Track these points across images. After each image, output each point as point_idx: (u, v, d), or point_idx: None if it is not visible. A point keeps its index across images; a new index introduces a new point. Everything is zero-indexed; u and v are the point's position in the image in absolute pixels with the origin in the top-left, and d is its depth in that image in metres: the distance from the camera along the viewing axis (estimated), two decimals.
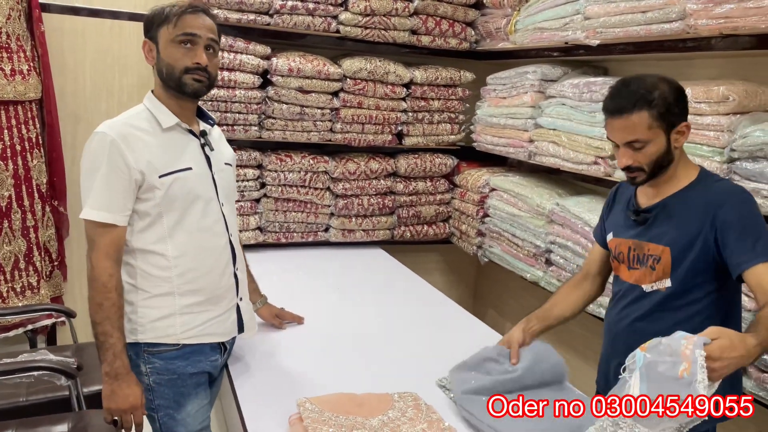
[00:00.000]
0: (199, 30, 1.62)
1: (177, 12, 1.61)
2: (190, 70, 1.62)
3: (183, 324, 1.64)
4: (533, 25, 2.84)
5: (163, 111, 1.66)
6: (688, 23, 2.03)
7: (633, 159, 1.53)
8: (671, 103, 1.50)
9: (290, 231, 3.22)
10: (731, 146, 1.86)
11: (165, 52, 1.62)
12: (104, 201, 1.55)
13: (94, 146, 1.57)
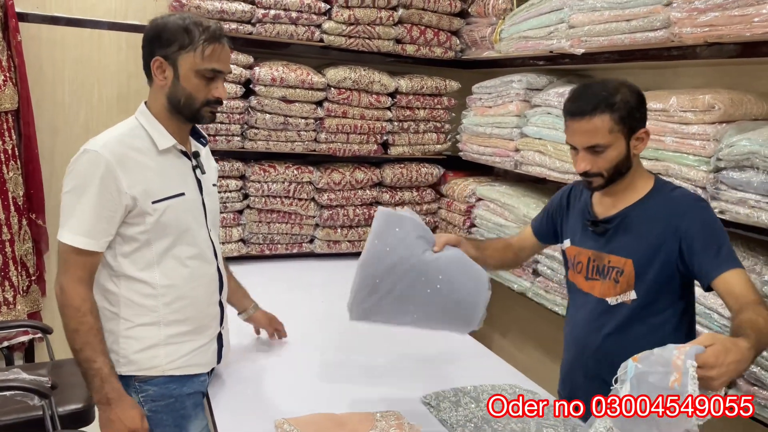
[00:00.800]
0: (225, 66, 1.56)
1: (205, 39, 1.50)
2: (210, 103, 1.56)
3: (167, 355, 1.57)
4: (518, 33, 2.82)
5: (160, 131, 1.56)
6: (672, 32, 2.01)
7: (592, 164, 1.50)
8: (633, 107, 1.49)
9: (274, 242, 3.17)
10: (717, 155, 1.84)
11: (186, 80, 1.52)
12: (87, 226, 1.45)
13: (84, 166, 1.46)
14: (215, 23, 1.56)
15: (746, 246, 1.92)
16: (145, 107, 1.59)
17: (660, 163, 2.05)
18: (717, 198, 1.86)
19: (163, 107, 1.56)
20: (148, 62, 1.54)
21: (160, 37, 1.51)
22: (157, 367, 1.57)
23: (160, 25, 1.53)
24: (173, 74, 1.52)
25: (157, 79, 1.54)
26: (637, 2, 2.14)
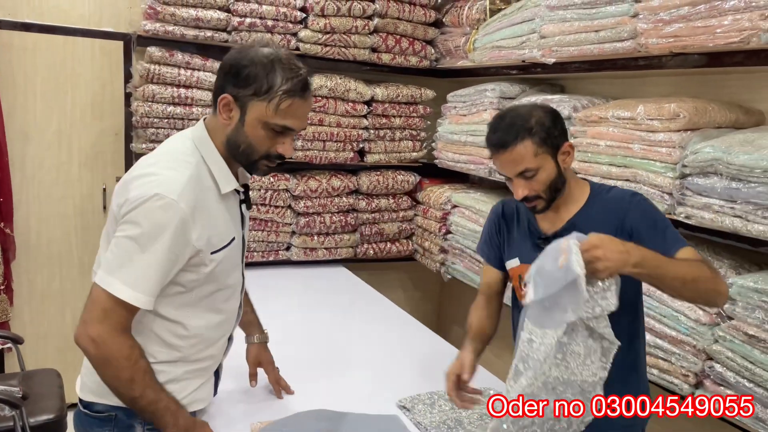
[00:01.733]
0: (299, 124, 1.37)
1: (285, 90, 1.31)
2: (271, 158, 1.38)
3: (178, 391, 1.43)
4: (491, 43, 2.87)
5: (225, 174, 1.39)
6: (639, 42, 2.07)
7: (529, 188, 1.52)
8: (549, 126, 1.51)
9: (250, 250, 3.16)
10: (683, 162, 1.89)
11: (251, 129, 1.33)
12: (146, 284, 1.28)
13: (158, 215, 1.26)
14: (306, 71, 1.36)
15: (711, 250, 1.97)
16: (207, 135, 1.39)
17: (628, 170, 2.10)
18: (683, 203, 1.91)
19: (223, 145, 1.39)
20: (216, 92, 1.37)
21: (238, 73, 1.32)
22: None
23: (244, 60, 1.33)
24: (239, 117, 1.34)
25: (220, 117, 1.35)
26: (605, 13, 2.20)
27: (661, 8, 1.98)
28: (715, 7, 1.80)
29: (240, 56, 1.34)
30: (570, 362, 1.29)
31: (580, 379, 1.31)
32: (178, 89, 2.87)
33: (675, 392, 1.92)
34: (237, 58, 1.34)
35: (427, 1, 3.28)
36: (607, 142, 2.18)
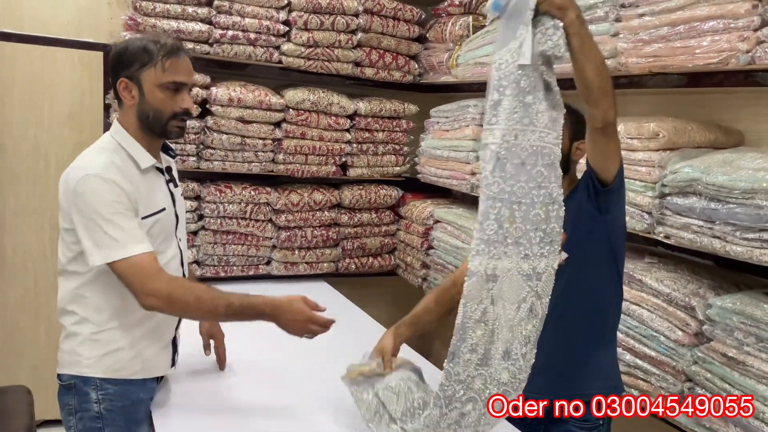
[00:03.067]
0: (187, 78, 1.61)
1: (163, 54, 1.56)
2: (177, 116, 1.61)
3: (130, 359, 1.62)
4: (474, 59, 2.87)
5: (140, 150, 1.62)
6: (619, 61, 2.07)
7: None
8: (582, 122, 1.66)
9: (229, 264, 3.12)
10: (662, 182, 1.89)
11: (151, 96, 1.58)
12: (135, 234, 1.52)
13: (99, 186, 1.50)
14: (173, 39, 1.63)
15: (690, 270, 1.97)
16: (120, 127, 1.63)
17: None
18: (662, 223, 1.91)
19: (135, 126, 1.61)
20: (114, 86, 1.61)
21: (122, 59, 1.58)
22: (121, 370, 1.61)
23: (121, 47, 1.60)
24: (138, 92, 1.58)
25: (125, 99, 1.60)
26: None
27: (641, 28, 1.99)
28: (693, 27, 1.81)
29: (117, 48, 1.61)
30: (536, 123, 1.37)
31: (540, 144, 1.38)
32: None
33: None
34: (116, 51, 1.61)
35: (411, 17, 3.28)
36: None
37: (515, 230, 1.39)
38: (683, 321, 1.84)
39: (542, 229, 1.40)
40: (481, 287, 1.39)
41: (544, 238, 1.41)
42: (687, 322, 1.83)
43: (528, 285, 1.40)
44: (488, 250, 1.38)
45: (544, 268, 1.42)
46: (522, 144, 1.37)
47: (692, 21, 1.81)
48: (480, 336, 1.41)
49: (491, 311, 1.40)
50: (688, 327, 1.83)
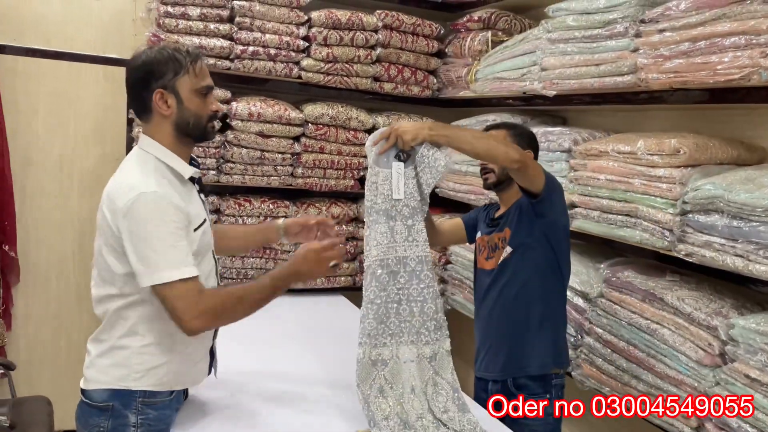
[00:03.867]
0: (211, 80, 1.64)
1: (191, 60, 1.57)
2: (212, 118, 1.64)
3: (177, 372, 1.61)
4: (493, 74, 2.87)
5: (179, 162, 1.60)
6: (639, 77, 2.06)
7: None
8: (526, 135, 2.11)
9: (248, 277, 3.14)
10: (683, 199, 1.87)
11: (189, 102, 1.57)
12: (182, 257, 1.49)
13: (150, 207, 1.46)
14: (185, 46, 1.63)
15: (713, 289, 1.94)
16: (152, 140, 1.59)
17: (629, 205, 2.07)
18: (684, 241, 1.88)
19: (170, 136, 1.59)
20: (144, 99, 1.57)
21: (153, 70, 1.55)
22: (168, 383, 1.60)
23: (149, 60, 1.56)
24: (176, 101, 1.57)
25: (161, 110, 1.56)
26: (605, 47, 2.20)
27: (662, 44, 1.97)
28: (715, 43, 1.79)
29: (143, 61, 1.56)
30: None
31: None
32: None
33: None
34: (143, 64, 1.56)
35: (430, 32, 3.30)
36: (607, 176, 2.16)
37: (416, 323, 1.79)
38: (705, 341, 1.81)
39: (435, 319, 1.81)
40: (369, 370, 1.74)
41: (438, 326, 1.82)
42: (709, 342, 1.79)
43: (431, 365, 1.79)
44: (370, 342, 1.75)
45: (438, 349, 1.82)
46: (410, 256, 1.78)
47: (713, 37, 1.79)
48: (387, 409, 1.72)
49: (387, 389, 1.74)
50: (710, 347, 1.79)
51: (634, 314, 2.05)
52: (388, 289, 1.77)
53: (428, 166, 1.81)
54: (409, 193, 1.79)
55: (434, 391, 1.77)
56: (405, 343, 1.78)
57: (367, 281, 1.77)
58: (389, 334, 1.77)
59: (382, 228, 1.77)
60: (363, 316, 1.77)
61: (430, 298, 1.79)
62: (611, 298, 2.16)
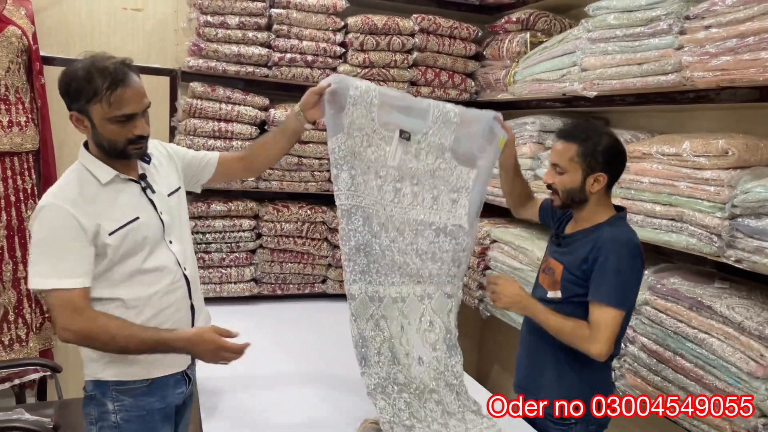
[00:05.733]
0: (135, 107, 1.57)
1: (107, 86, 1.51)
2: (132, 141, 1.60)
3: (143, 361, 1.65)
4: (531, 76, 2.82)
5: (99, 166, 1.62)
6: (684, 75, 1.98)
7: (552, 179, 1.86)
8: (600, 152, 1.78)
9: (286, 282, 3.16)
10: (732, 202, 1.78)
11: (103, 128, 1.56)
12: (68, 268, 1.53)
13: (46, 216, 1.53)
14: (115, 64, 1.55)
15: (765, 296, 1.84)
16: (85, 150, 1.65)
17: (673, 209, 1.99)
18: (733, 246, 1.79)
19: (94, 148, 1.63)
20: (69, 111, 1.60)
21: (69, 91, 1.55)
22: (139, 372, 1.66)
23: (67, 77, 1.55)
24: (90, 124, 1.57)
25: (78, 129, 1.60)
26: (648, 46, 2.12)
27: (708, 40, 1.89)
28: (764, 39, 1.71)
29: (64, 77, 1.55)
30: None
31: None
32: (218, 123, 2.92)
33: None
34: (63, 80, 1.55)
35: (467, 35, 3.26)
36: (651, 179, 2.08)
37: (413, 267, 1.92)
38: (757, 351, 1.71)
39: (439, 263, 1.99)
40: (367, 306, 1.80)
41: (442, 272, 1.99)
42: (761, 353, 1.70)
43: (428, 304, 1.94)
44: (364, 278, 1.80)
45: (437, 291, 1.98)
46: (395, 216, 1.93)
47: (762, 32, 1.71)
48: (380, 342, 1.79)
49: (384, 324, 1.81)
50: (762, 358, 1.70)
51: (681, 323, 1.97)
52: (379, 236, 1.85)
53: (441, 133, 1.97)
54: (401, 160, 1.92)
55: (428, 329, 1.91)
56: (396, 284, 1.88)
57: (346, 225, 1.81)
58: (384, 274, 1.85)
59: (367, 180, 1.86)
60: (352, 255, 1.79)
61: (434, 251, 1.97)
62: (657, 306, 2.08)
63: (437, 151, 1.97)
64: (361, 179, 1.85)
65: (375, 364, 1.77)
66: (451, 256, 2.00)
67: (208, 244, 2.97)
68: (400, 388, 1.80)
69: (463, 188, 2.01)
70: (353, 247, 1.79)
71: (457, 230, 1.99)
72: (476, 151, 2.02)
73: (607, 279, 1.74)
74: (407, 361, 1.85)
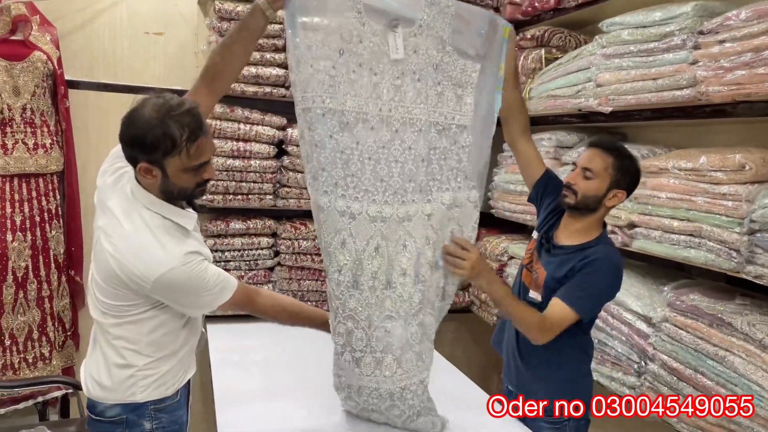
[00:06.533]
0: (209, 154, 1.56)
1: (187, 139, 1.47)
2: (200, 185, 1.60)
3: (177, 373, 1.71)
4: (547, 92, 2.82)
5: (179, 214, 1.60)
6: (699, 90, 1.97)
7: (577, 181, 1.89)
8: (629, 172, 1.88)
9: (304, 300, 3.17)
10: (751, 217, 1.76)
11: (176, 178, 1.53)
12: (223, 276, 1.64)
13: (182, 274, 1.54)
14: (192, 116, 1.49)
15: None
16: (153, 198, 1.57)
17: (691, 224, 1.97)
18: (752, 262, 1.77)
19: (160, 195, 1.58)
20: (129, 159, 1.54)
21: (142, 144, 1.47)
22: (173, 386, 1.69)
23: (140, 130, 1.46)
24: (161, 173, 1.52)
25: (145, 179, 1.54)
26: (662, 61, 2.11)
27: (722, 55, 1.88)
28: None
29: (136, 129, 1.47)
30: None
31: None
32: (237, 143, 2.96)
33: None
34: (135, 133, 1.47)
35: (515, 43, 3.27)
36: (668, 194, 2.07)
37: (394, 183, 1.72)
38: None
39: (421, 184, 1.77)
40: (336, 220, 1.67)
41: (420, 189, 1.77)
42: None
43: (403, 226, 1.73)
44: (336, 191, 1.67)
45: (416, 212, 1.75)
46: (395, 116, 1.73)
47: None
48: (345, 262, 1.68)
49: (350, 242, 1.68)
50: None
51: (701, 340, 1.94)
52: (364, 142, 1.68)
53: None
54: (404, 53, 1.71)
55: (400, 251, 1.73)
56: (378, 202, 1.70)
57: (320, 129, 1.65)
58: (363, 190, 1.68)
59: (357, 79, 1.66)
60: (325, 166, 1.65)
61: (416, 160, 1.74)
62: (676, 322, 2.05)
63: (437, 45, 1.74)
64: (346, 78, 1.65)
65: (334, 280, 1.71)
66: (453, 165, 1.80)
67: (227, 262, 3.00)
68: (348, 316, 1.74)
69: (468, 83, 1.80)
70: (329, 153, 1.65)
71: (460, 131, 1.78)
72: (479, 47, 1.81)
73: (583, 288, 1.83)
74: (373, 284, 1.71)
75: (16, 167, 2.71)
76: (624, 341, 2.25)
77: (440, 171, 1.79)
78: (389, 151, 1.71)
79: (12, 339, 2.73)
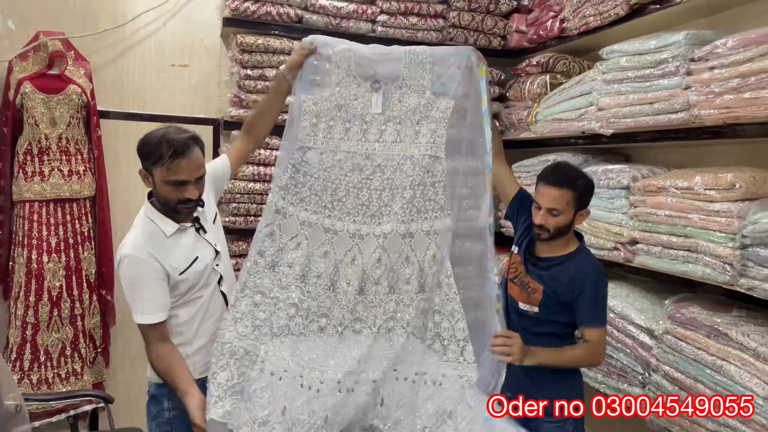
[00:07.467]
0: (188, 175, 1.82)
1: (170, 155, 1.77)
2: (183, 202, 1.85)
3: (196, 362, 1.94)
4: (551, 116, 2.95)
5: (163, 220, 1.89)
6: (692, 113, 2.09)
7: (546, 221, 2.01)
8: (587, 193, 2.03)
9: None
10: (742, 232, 1.86)
11: (160, 187, 1.84)
12: (150, 307, 1.84)
13: (128, 268, 1.82)
14: (184, 138, 1.81)
15: None
16: (149, 204, 1.92)
17: (689, 240, 2.08)
18: (745, 275, 1.86)
19: (157, 202, 1.90)
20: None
21: (141, 151, 1.84)
22: (194, 373, 1.90)
23: (144, 140, 1.84)
24: (152, 181, 1.86)
25: (144, 183, 1.90)
26: (658, 86, 2.24)
27: (712, 80, 2.00)
28: (763, 79, 1.82)
29: (143, 139, 1.84)
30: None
31: None
32: (257, 167, 3.12)
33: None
34: (141, 141, 1.84)
35: (491, 78, 3.42)
36: (666, 211, 2.17)
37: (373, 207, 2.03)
38: None
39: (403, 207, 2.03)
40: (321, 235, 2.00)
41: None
42: None
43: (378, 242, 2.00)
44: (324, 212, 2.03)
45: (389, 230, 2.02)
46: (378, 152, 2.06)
47: (761, 73, 1.82)
48: (269, 245, 1.98)
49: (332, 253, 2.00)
50: None
51: (700, 350, 2.03)
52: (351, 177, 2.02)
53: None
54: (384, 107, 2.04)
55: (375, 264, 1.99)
56: (358, 222, 2.02)
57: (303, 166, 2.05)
58: (346, 212, 2.01)
59: (350, 128, 2.03)
60: (317, 192, 2.02)
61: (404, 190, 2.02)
62: (676, 334, 2.14)
63: (417, 93, 2.04)
64: (341, 128, 2.03)
65: (252, 262, 1.97)
66: (429, 195, 2.06)
67: None
68: (257, 291, 1.97)
69: (442, 119, 2.04)
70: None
71: (432, 162, 2.02)
72: (456, 84, 2.06)
73: (594, 305, 2.00)
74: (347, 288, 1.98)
75: (52, 193, 2.89)
76: (628, 353, 2.34)
77: (421, 199, 2.05)
78: (371, 182, 2.03)
79: (47, 355, 2.89)
